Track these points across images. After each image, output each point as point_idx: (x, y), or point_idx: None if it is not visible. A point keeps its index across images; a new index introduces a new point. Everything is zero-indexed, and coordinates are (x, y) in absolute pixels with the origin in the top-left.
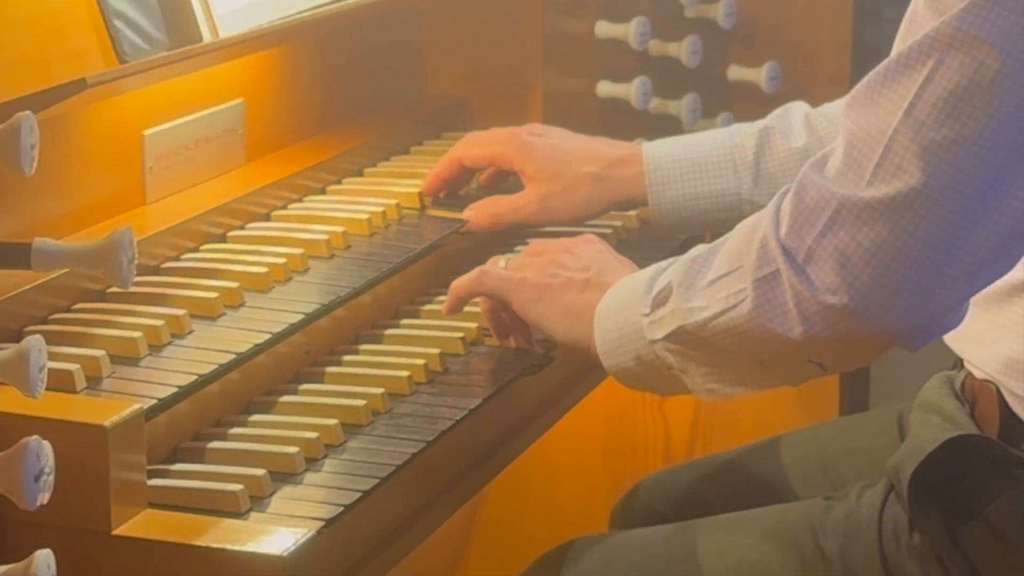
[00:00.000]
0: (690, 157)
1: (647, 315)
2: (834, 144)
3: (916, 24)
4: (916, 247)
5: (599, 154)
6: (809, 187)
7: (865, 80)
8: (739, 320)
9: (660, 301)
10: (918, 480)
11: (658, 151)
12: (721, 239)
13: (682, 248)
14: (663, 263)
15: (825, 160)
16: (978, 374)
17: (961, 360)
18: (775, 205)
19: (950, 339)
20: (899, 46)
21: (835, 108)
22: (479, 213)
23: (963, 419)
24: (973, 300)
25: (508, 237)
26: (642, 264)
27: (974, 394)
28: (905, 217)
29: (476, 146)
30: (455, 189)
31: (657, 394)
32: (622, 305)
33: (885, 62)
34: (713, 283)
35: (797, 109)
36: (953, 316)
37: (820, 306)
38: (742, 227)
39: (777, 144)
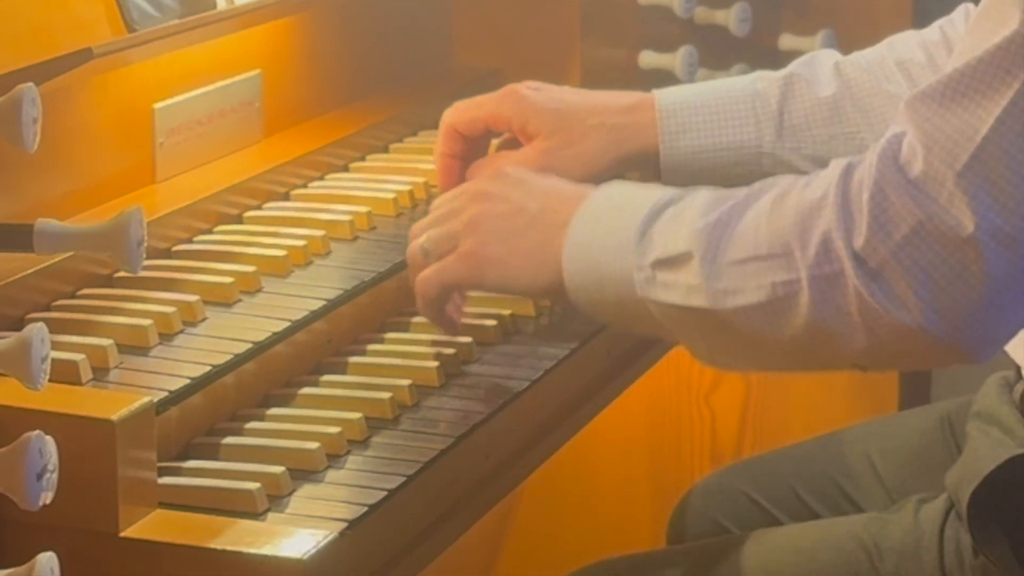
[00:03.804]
0: (707, 104)
1: (642, 269)
2: (898, 130)
3: (1002, 15)
4: (1004, 269)
5: (606, 104)
6: (889, 190)
7: (947, 76)
8: (788, 314)
9: (669, 266)
10: (978, 501)
11: (673, 97)
12: (740, 196)
13: None
14: (650, 195)
15: (895, 150)
16: None
17: (1020, 368)
18: (840, 196)
19: (1010, 348)
20: (980, 38)
21: (868, 56)
22: (482, 171)
23: (1023, 433)
24: None
25: None
26: None
27: None
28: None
29: (468, 110)
30: (465, 165)
31: (631, 333)
32: (605, 243)
33: (969, 60)
34: (746, 263)
35: (826, 56)
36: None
37: (890, 321)
38: (779, 199)
39: (803, 93)
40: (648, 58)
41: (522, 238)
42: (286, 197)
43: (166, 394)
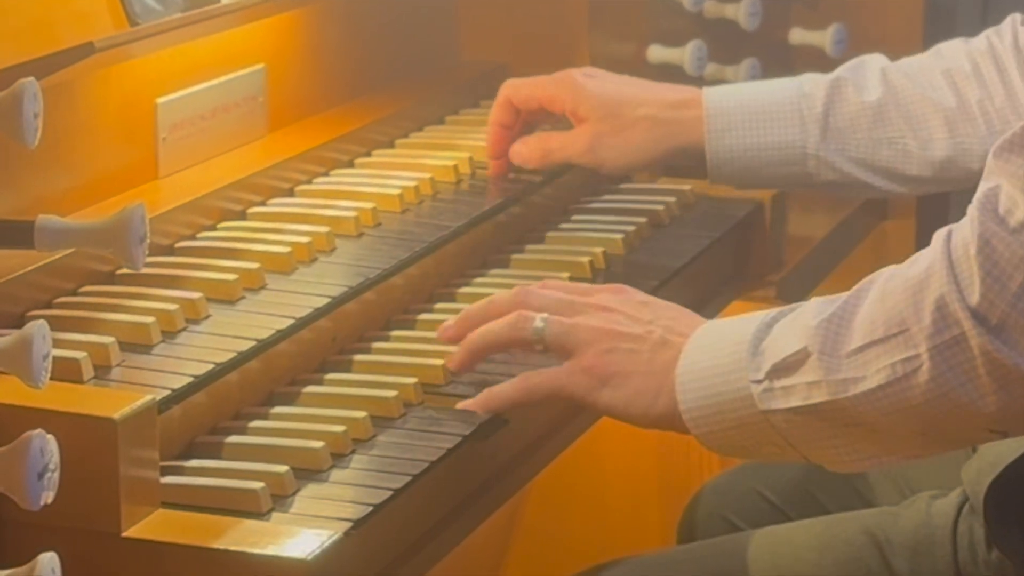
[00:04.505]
0: (754, 104)
1: (759, 382)
2: (992, 184)
3: None
4: None
5: (657, 97)
6: (996, 242)
7: None
8: (912, 391)
9: (787, 369)
10: (995, 494)
11: (720, 96)
12: (851, 292)
13: (741, 225)
14: (756, 316)
15: (994, 204)
16: None
17: None
18: (946, 259)
19: None
20: None
21: (915, 64)
22: (529, 148)
23: None
24: None
25: (549, 216)
26: (692, 247)
27: None
28: None
29: (526, 86)
30: (514, 137)
31: (757, 460)
32: (718, 368)
33: None
34: (863, 350)
35: (873, 61)
36: None
37: (1020, 374)
38: (887, 283)
39: (849, 97)
40: (657, 52)
41: (643, 363)
42: (290, 193)
43: (169, 392)
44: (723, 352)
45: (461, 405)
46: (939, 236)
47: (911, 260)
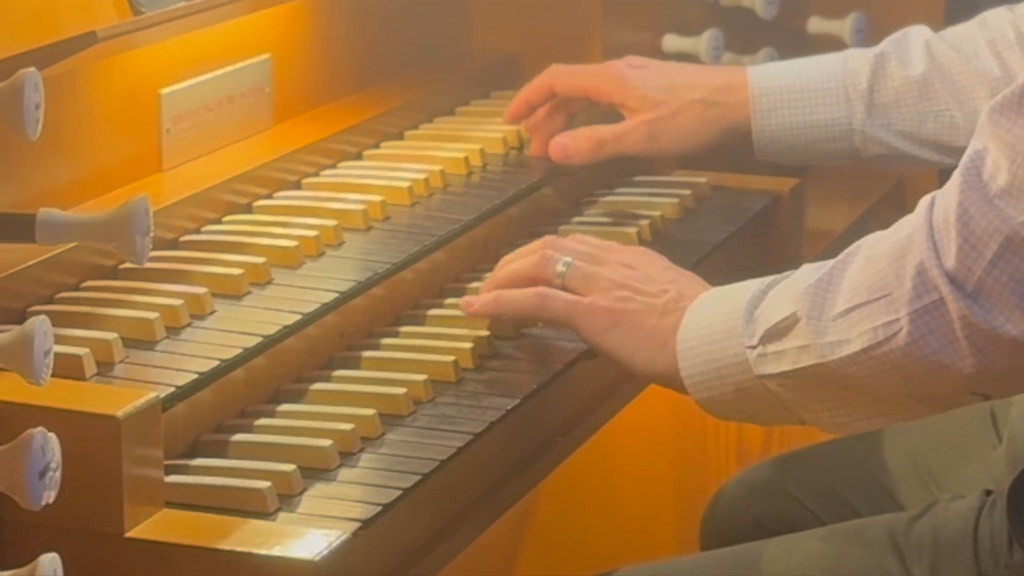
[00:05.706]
0: (799, 83)
1: (754, 347)
2: (979, 147)
3: None
4: None
5: (706, 80)
6: (973, 210)
7: (1021, 86)
8: (894, 354)
9: (778, 334)
10: (1019, 491)
11: (764, 76)
12: (840, 259)
13: (758, 219)
14: (752, 283)
15: (979, 167)
16: None
17: None
18: (927, 226)
19: None
20: None
21: (960, 34)
22: (578, 141)
23: None
24: None
25: (562, 210)
26: (707, 241)
27: None
28: None
29: (572, 75)
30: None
31: (757, 424)
32: (715, 334)
33: None
34: (848, 313)
35: (917, 34)
36: None
37: (996, 338)
38: (872, 248)
39: (893, 71)
40: (672, 42)
41: (654, 317)
42: (297, 186)
43: (173, 389)
44: (720, 318)
45: (464, 301)
46: (923, 202)
47: (896, 225)
